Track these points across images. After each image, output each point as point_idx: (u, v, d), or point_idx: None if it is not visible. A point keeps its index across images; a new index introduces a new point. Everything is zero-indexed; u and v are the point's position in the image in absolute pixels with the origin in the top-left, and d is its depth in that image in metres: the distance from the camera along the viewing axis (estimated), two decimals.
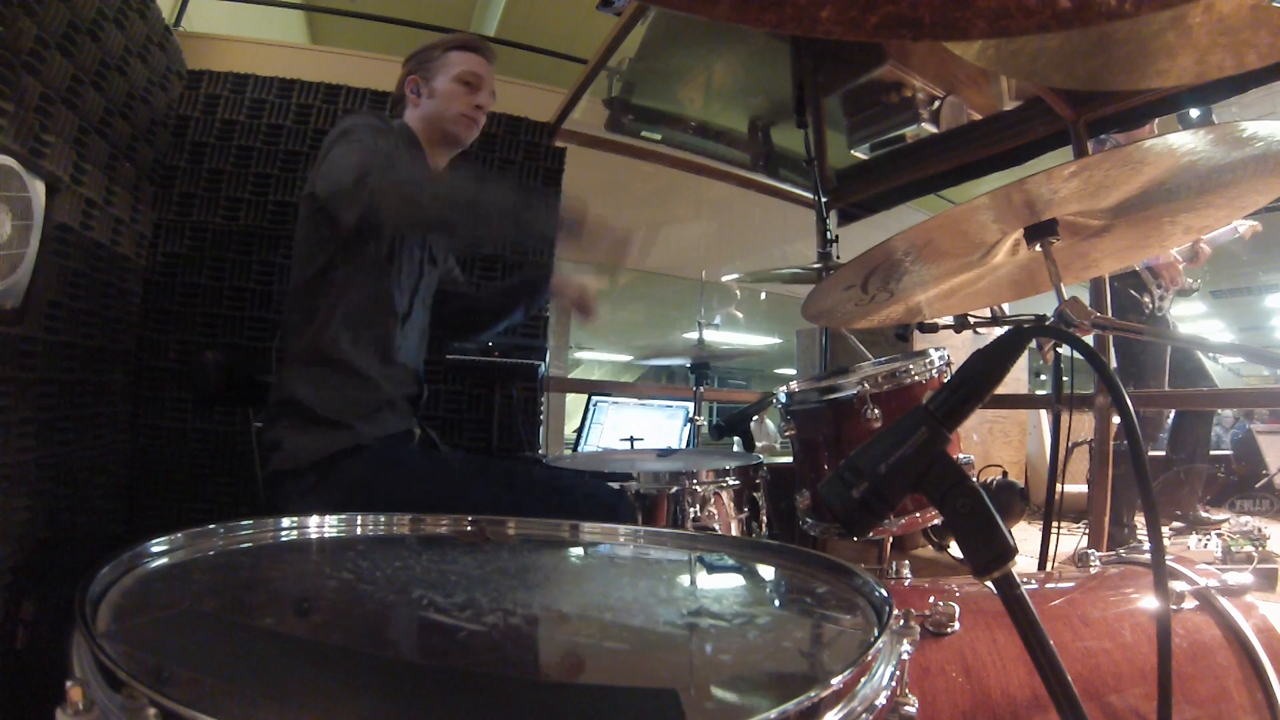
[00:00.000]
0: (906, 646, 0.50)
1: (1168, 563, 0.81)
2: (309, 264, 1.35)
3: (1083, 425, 2.18)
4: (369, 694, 0.45)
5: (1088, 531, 1.99)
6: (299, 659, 0.50)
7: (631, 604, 0.63)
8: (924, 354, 1.40)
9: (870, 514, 0.55)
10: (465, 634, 0.54)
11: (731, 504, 1.38)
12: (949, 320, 1.25)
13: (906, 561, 0.87)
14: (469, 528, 0.85)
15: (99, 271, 1.68)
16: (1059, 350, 1.30)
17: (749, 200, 3.16)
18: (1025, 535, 2.77)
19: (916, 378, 1.36)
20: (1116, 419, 1.89)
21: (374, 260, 1.36)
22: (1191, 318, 7.82)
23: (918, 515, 1.33)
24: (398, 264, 1.40)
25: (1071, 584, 0.86)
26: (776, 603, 0.71)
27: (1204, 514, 3.04)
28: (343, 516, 0.82)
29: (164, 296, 1.97)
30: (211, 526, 0.71)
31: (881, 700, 0.44)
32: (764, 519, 1.44)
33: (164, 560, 0.64)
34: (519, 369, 2.00)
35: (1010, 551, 0.51)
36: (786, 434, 1.51)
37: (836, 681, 0.41)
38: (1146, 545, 0.87)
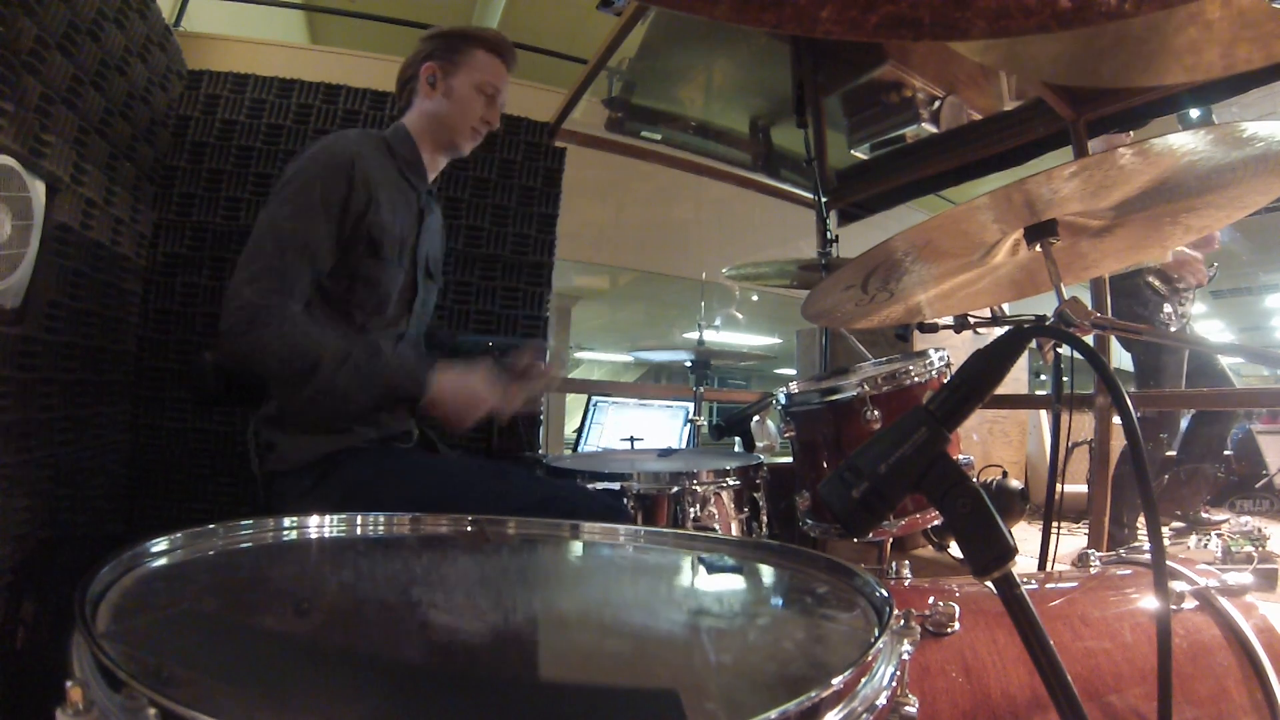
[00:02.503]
0: (906, 646, 0.50)
1: (1168, 563, 0.81)
2: None
3: (1083, 425, 2.18)
4: (369, 694, 0.45)
5: (1088, 531, 1.99)
6: (299, 659, 0.50)
7: (631, 604, 0.63)
8: (924, 354, 1.40)
9: (870, 514, 0.55)
10: (465, 634, 0.54)
11: (731, 504, 1.38)
12: (949, 320, 1.25)
13: (906, 561, 0.87)
14: (469, 528, 0.85)
15: (99, 271, 1.68)
16: (1059, 350, 1.30)
17: (749, 200, 3.16)
18: (1025, 535, 2.77)
19: (916, 378, 1.36)
20: (1117, 419, 1.89)
21: (363, 277, 1.32)
22: (1191, 317, 7.81)
23: (918, 515, 1.32)
24: (390, 281, 1.38)
25: (1071, 584, 0.86)
26: (777, 603, 0.71)
27: (1204, 514, 3.04)
28: (343, 516, 0.82)
29: (164, 296, 1.97)
30: (211, 526, 0.71)
31: (882, 700, 0.44)
32: (764, 519, 1.44)
33: (164, 560, 0.64)
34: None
35: (1010, 551, 0.51)
36: (786, 434, 1.51)
37: (837, 681, 0.41)
38: (1146, 545, 0.87)
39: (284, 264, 1.22)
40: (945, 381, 0.57)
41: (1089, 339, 0.80)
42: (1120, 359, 3.94)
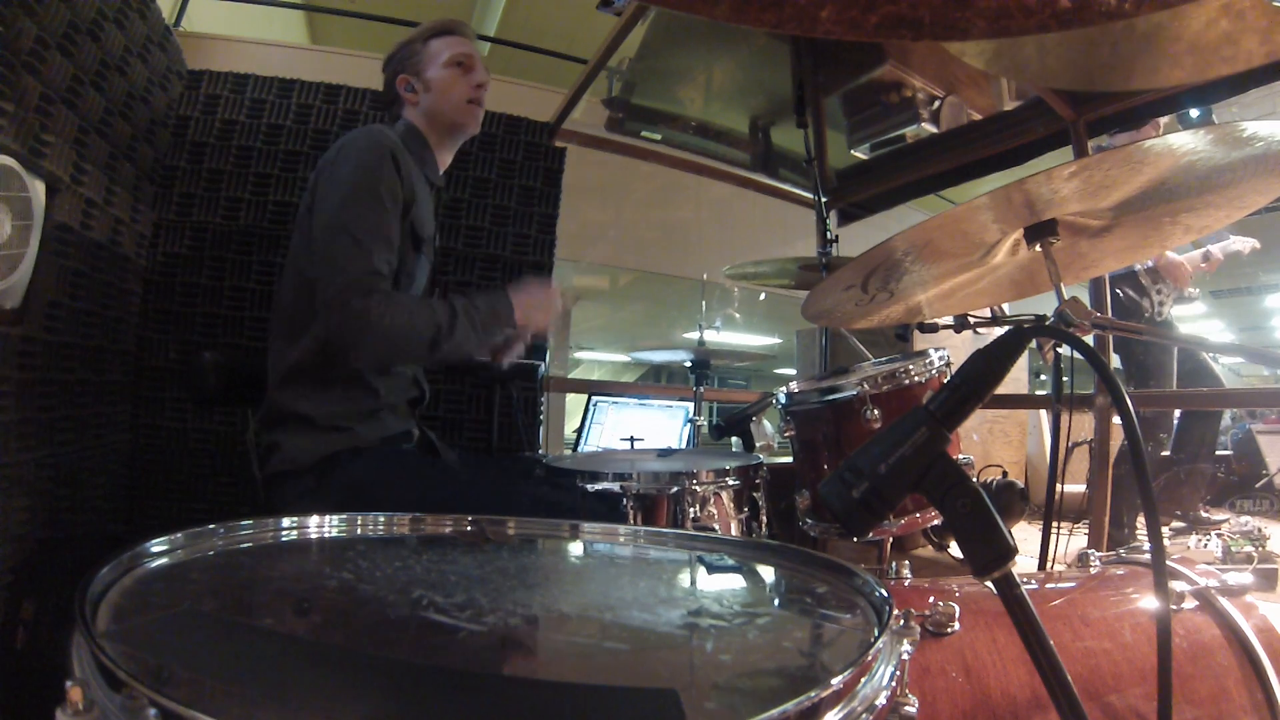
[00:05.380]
0: (906, 646, 0.50)
1: (1168, 563, 0.81)
2: (301, 272, 1.32)
3: (1083, 425, 2.18)
4: (369, 694, 0.45)
5: (1088, 531, 1.99)
6: (299, 659, 0.50)
7: (631, 604, 0.63)
8: (924, 354, 1.40)
9: (870, 514, 0.55)
10: (465, 634, 0.54)
11: (731, 504, 1.37)
12: (949, 320, 1.25)
13: (906, 561, 0.87)
14: (469, 528, 0.85)
15: (99, 271, 1.68)
16: (1059, 350, 1.30)
17: (749, 200, 3.16)
18: (1025, 535, 2.77)
19: (916, 378, 1.36)
20: (1117, 419, 1.89)
21: (406, 272, 1.34)
22: (1191, 318, 7.82)
23: (918, 515, 1.32)
24: (422, 275, 1.40)
25: (1071, 584, 0.86)
26: (776, 603, 0.71)
27: (1204, 514, 3.04)
28: (343, 516, 0.82)
29: (164, 296, 1.97)
30: (211, 526, 0.71)
31: (881, 700, 0.44)
32: (764, 519, 1.44)
33: (164, 560, 0.64)
34: (519, 369, 1.99)
35: (1010, 551, 0.51)
36: (786, 434, 1.50)
37: (836, 681, 0.41)
38: (1146, 545, 0.87)
39: (375, 257, 1.23)
40: (945, 381, 0.57)
41: (1089, 339, 0.80)
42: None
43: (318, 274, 1.25)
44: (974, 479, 0.54)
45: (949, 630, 0.71)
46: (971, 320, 1.22)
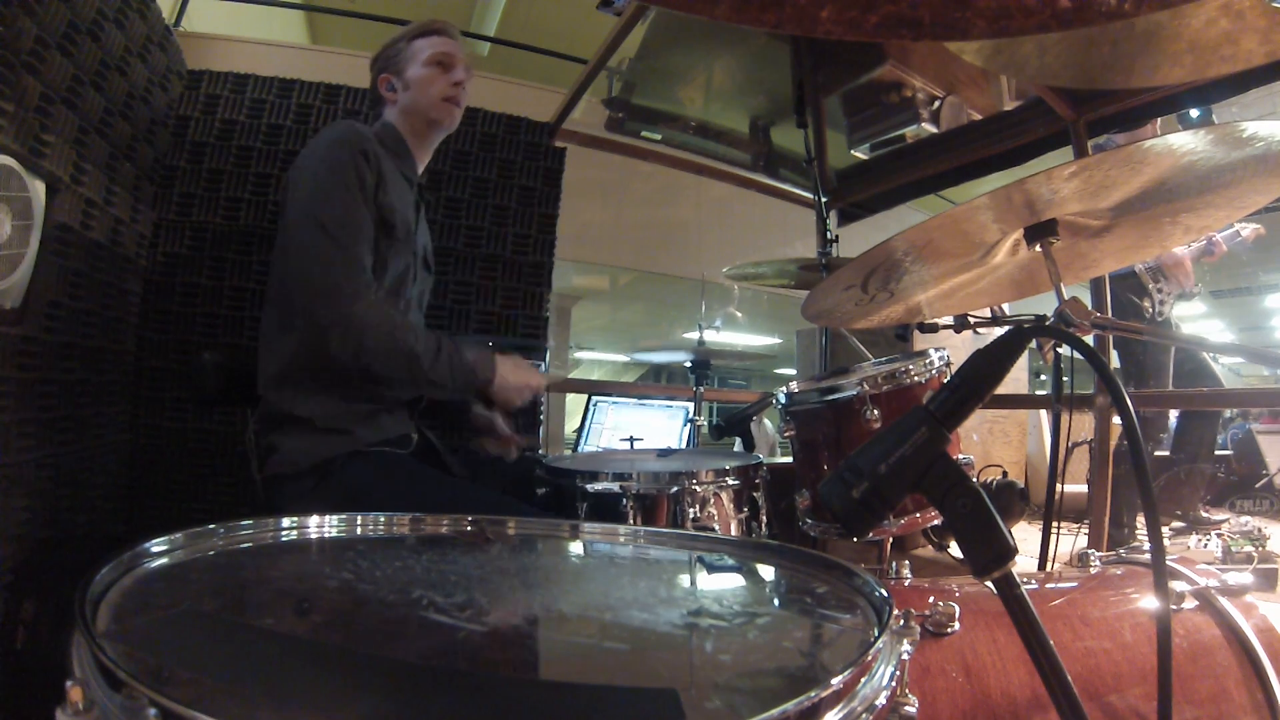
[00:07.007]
0: (906, 646, 0.50)
1: (1168, 563, 0.81)
2: (284, 268, 1.32)
3: (1083, 425, 2.18)
4: (369, 694, 0.45)
5: (1088, 531, 1.99)
6: (299, 659, 0.50)
7: (631, 604, 0.63)
8: (924, 354, 1.40)
9: (870, 514, 0.55)
10: (465, 634, 0.54)
11: (731, 504, 1.37)
12: (949, 320, 1.25)
13: (906, 561, 0.87)
14: (469, 528, 0.85)
15: (99, 271, 1.68)
16: (1059, 350, 1.30)
17: (749, 200, 3.16)
18: (1025, 535, 2.77)
19: (916, 378, 1.36)
20: (1117, 419, 1.89)
21: (380, 258, 1.34)
22: (1191, 318, 7.82)
23: (918, 515, 1.32)
24: (401, 263, 1.39)
25: (1071, 584, 0.86)
26: (776, 603, 0.71)
27: (1204, 514, 3.04)
28: (343, 517, 0.82)
29: (164, 296, 1.97)
30: (211, 526, 0.71)
31: (881, 700, 0.44)
32: (764, 519, 1.44)
33: (164, 560, 0.64)
34: None
35: (1010, 551, 0.51)
36: (786, 434, 1.50)
37: (836, 681, 0.41)
38: (1146, 545, 0.87)
39: (353, 251, 1.24)
40: (945, 381, 0.56)
41: (1089, 339, 0.80)
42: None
43: (296, 267, 1.26)
44: (974, 479, 0.54)
45: (949, 630, 0.71)
46: (971, 320, 1.22)
